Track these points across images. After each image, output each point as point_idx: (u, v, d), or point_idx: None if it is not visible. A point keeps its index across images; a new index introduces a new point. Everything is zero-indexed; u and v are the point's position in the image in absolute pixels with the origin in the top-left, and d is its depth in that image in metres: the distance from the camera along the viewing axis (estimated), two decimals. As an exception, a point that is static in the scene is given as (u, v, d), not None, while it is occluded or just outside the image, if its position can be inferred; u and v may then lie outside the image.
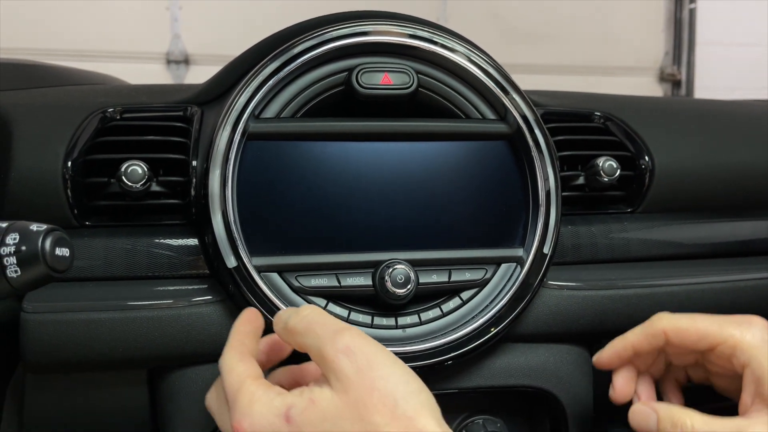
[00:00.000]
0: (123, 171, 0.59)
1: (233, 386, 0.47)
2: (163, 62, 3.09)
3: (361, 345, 0.45)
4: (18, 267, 0.36)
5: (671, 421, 0.53)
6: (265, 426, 0.44)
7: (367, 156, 0.62)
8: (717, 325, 0.54)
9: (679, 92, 3.70)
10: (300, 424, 0.43)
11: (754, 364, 0.52)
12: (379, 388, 0.43)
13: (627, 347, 0.58)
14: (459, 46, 0.63)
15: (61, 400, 0.62)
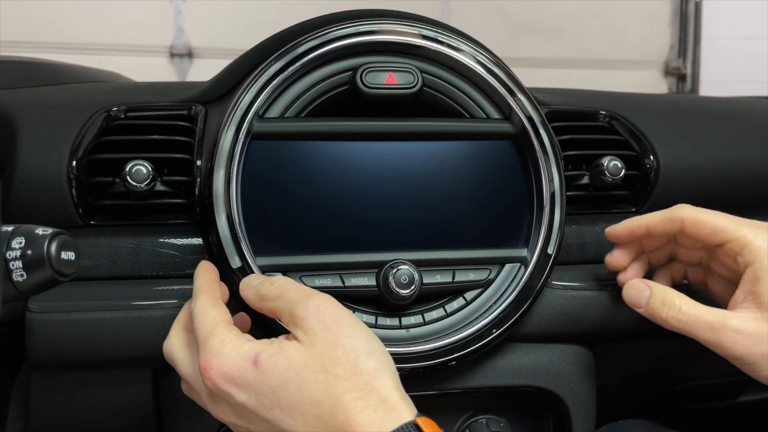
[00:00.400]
0: (127, 171, 0.59)
1: (205, 328, 0.48)
2: (166, 56, 3.08)
3: (330, 307, 0.47)
4: (24, 271, 0.36)
5: (662, 298, 0.56)
6: (233, 368, 0.45)
7: (372, 156, 0.62)
8: (734, 224, 0.55)
9: (684, 86, 3.69)
10: (267, 369, 0.45)
11: (756, 264, 0.53)
12: (344, 345, 0.45)
13: (641, 225, 0.59)
14: (464, 45, 0.63)
15: (66, 397, 0.62)
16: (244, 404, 0.45)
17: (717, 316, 0.54)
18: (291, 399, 0.44)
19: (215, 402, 0.48)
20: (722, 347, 0.53)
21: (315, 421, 0.44)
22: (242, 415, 0.46)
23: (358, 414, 0.43)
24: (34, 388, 0.61)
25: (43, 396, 0.61)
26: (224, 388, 0.45)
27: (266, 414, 0.45)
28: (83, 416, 0.62)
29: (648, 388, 0.78)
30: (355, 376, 0.44)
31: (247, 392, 0.45)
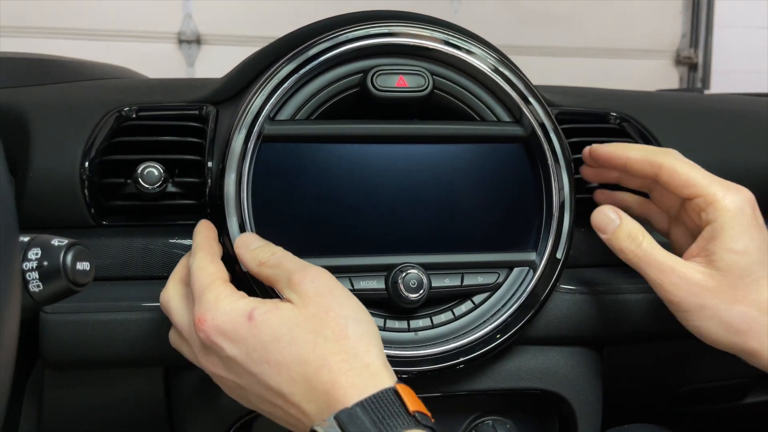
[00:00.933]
0: (139, 173, 0.59)
1: (203, 283, 0.50)
2: (174, 42, 3.08)
3: (325, 277, 0.50)
4: (40, 282, 0.37)
5: (629, 231, 0.57)
6: (227, 322, 0.47)
7: (382, 158, 0.62)
8: (707, 180, 0.56)
9: (696, 75, 3.66)
10: (260, 324, 0.47)
11: (717, 223, 0.55)
12: (335, 310, 0.47)
13: (622, 157, 0.60)
14: (475, 47, 0.63)
15: (78, 394, 0.63)
16: (234, 357, 0.47)
17: (669, 259, 0.56)
18: (280, 355, 0.46)
19: (206, 354, 0.49)
20: (663, 289, 0.55)
21: (300, 378, 0.45)
22: (231, 368, 0.48)
23: (342, 375, 0.45)
24: (46, 385, 0.62)
25: (56, 393, 0.62)
26: (216, 341, 0.47)
27: (254, 368, 0.46)
28: (95, 413, 0.63)
29: (654, 390, 0.78)
30: (343, 339, 0.46)
31: (238, 346, 0.47)
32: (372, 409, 0.43)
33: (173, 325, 0.53)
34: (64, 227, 0.61)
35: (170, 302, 0.53)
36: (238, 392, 0.50)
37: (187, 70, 3.10)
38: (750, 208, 0.56)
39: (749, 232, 0.55)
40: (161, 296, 0.54)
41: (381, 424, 0.42)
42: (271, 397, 0.47)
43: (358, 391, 0.44)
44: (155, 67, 2.98)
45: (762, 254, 0.55)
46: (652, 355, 0.73)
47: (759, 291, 0.54)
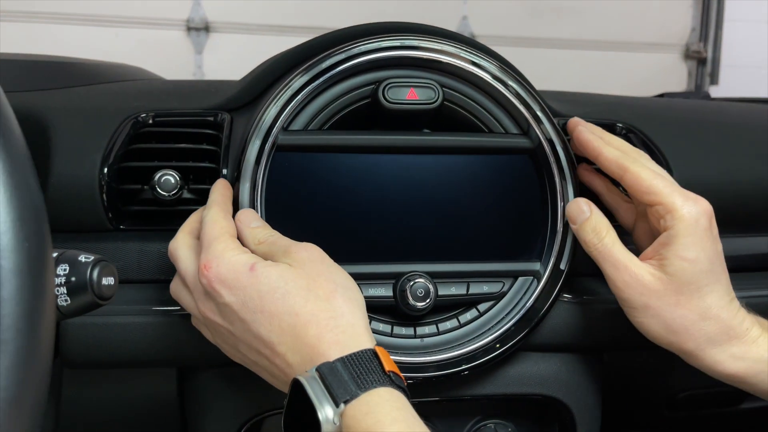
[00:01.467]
0: (156, 180, 0.61)
1: (213, 234, 0.53)
2: (183, 29, 3.08)
3: (318, 249, 0.54)
4: (68, 296, 0.39)
5: (594, 225, 0.61)
6: (230, 271, 0.51)
7: (392, 168, 0.64)
8: (669, 189, 0.59)
9: (704, 70, 3.64)
10: (260, 275, 0.50)
11: (672, 231, 0.58)
12: (326, 275, 0.52)
13: (596, 149, 0.62)
14: (484, 60, 0.64)
15: (95, 392, 0.65)
16: (230, 304, 0.50)
17: (625, 257, 0.59)
18: (273, 305, 0.49)
19: (205, 300, 0.53)
20: (615, 285, 0.59)
21: (289, 329, 0.49)
22: (225, 315, 0.51)
23: (328, 332, 0.48)
24: (65, 383, 0.64)
25: (74, 391, 0.64)
26: (216, 287, 0.51)
27: (248, 315, 0.50)
28: (111, 411, 0.66)
29: (653, 395, 0.80)
30: (332, 299, 0.50)
31: (236, 294, 0.50)
32: (351, 365, 0.46)
33: (177, 272, 0.56)
34: (83, 231, 0.62)
35: (178, 251, 0.56)
36: (229, 340, 0.53)
37: (195, 57, 3.11)
38: (706, 219, 0.58)
39: (702, 242, 0.58)
40: (170, 245, 0.57)
41: (358, 379, 0.46)
42: (259, 345, 0.50)
43: (341, 348, 0.48)
44: (163, 55, 2.98)
45: (711, 264, 0.58)
46: (650, 361, 0.75)
47: (702, 298, 0.58)
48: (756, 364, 0.57)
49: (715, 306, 0.58)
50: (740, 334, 0.58)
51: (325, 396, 0.45)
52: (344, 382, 0.45)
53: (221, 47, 3.08)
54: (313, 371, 0.46)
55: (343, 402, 0.45)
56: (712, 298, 0.58)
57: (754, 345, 0.58)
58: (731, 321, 0.58)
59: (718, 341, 0.58)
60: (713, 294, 0.58)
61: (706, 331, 0.58)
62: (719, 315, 0.58)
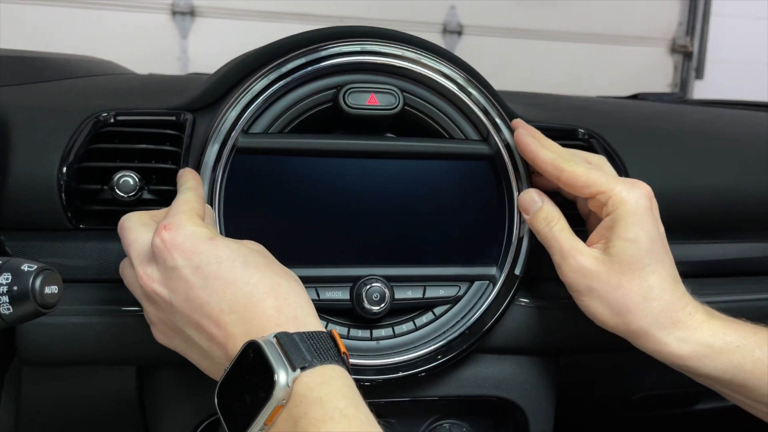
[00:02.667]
0: (115, 181, 0.61)
1: (182, 207, 0.53)
2: (168, 13, 3.05)
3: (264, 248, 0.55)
4: (10, 305, 0.40)
5: (546, 215, 0.63)
6: (188, 237, 0.50)
7: (352, 172, 0.64)
8: (605, 179, 0.61)
9: (690, 64, 3.65)
10: (220, 244, 0.50)
11: (615, 214, 0.60)
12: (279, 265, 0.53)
13: (533, 151, 0.63)
14: (445, 67, 0.64)
15: (55, 390, 0.66)
16: (180, 268, 0.49)
17: (571, 245, 0.61)
18: (232, 272, 0.49)
19: (148, 264, 0.51)
20: (561, 270, 0.61)
21: (244, 298, 0.48)
22: (169, 281, 0.50)
23: (287, 305, 0.49)
24: (24, 380, 0.64)
25: (33, 388, 0.65)
26: (170, 248, 0.49)
27: (197, 280, 0.49)
28: (71, 408, 0.66)
29: (608, 397, 0.82)
30: (291, 279, 0.51)
31: (191, 258, 0.49)
32: (309, 340, 0.47)
33: (123, 244, 0.54)
34: (42, 230, 0.63)
35: (126, 222, 0.55)
36: (167, 314, 0.51)
37: (180, 42, 3.08)
38: (646, 200, 0.60)
39: (642, 222, 0.59)
40: (121, 218, 0.56)
41: (315, 353, 0.46)
42: (202, 316, 0.49)
43: (298, 324, 0.48)
44: (147, 39, 2.96)
45: (652, 244, 0.59)
46: (606, 363, 0.77)
47: (644, 278, 0.59)
48: (700, 347, 0.58)
49: (658, 287, 0.59)
50: (683, 318, 0.59)
51: (281, 360, 0.45)
52: (301, 352, 0.46)
53: (207, 32, 3.05)
54: (270, 337, 0.46)
55: (300, 368, 0.45)
56: (654, 278, 0.59)
57: (698, 331, 0.59)
58: (675, 304, 0.59)
59: (663, 324, 0.59)
60: (655, 275, 0.59)
61: (651, 312, 0.58)
62: (662, 296, 0.59)
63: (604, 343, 0.70)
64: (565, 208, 0.65)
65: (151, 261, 0.51)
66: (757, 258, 0.77)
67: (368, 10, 2.91)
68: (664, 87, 3.64)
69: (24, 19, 2.74)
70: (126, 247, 0.54)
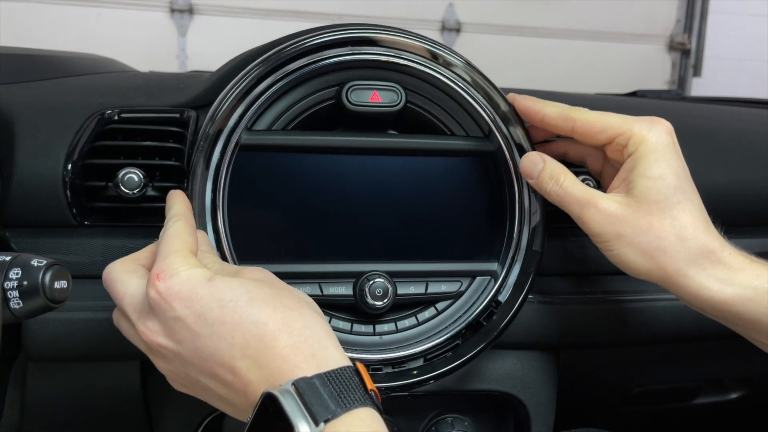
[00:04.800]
0: (120, 178, 0.62)
1: (172, 247, 0.48)
2: (166, 11, 3.05)
3: (271, 273, 0.51)
4: (20, 300, 0.40)
5: (551, 173, 0.59)
6: (184, 283, 0.45)
7: (354, 169, 0.65)
8: (622, 120, 0.58)
9: (688, 61, 3.66)
10: (219, 285, 0.46)
11: (636, 154, 0.57)
12: (288, 290, 0.48)
13: (539, 112, 0.61)
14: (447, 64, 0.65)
15: (60, 384, 0.66)
16: (183, 318, 0.45)
17: (587, 194, 0.57)
18: (237, 314, 0.44)
19: (147, 318, 0.47)
20: (583, 222, 0.57)
21: (255, 340, 0.44)
22: (173, 332, 0.46)
23: (302, 342, 0.44)
24: (30, 375, 0.65)
25: (38, 383, 0.65)
26: (168, 299, 0.45)
27: (203, 329, 0.44)
28: (76, 402, 0.67)
29: (608, 391, 0.82)
30: (302, 309, 0.46)
31: (192, 305, 0.45)
32: (331, 382, 0.42)
33: (114, 298, 0.50)
34: (47, 226, 0.63)
35: (112, 273, 0.50)
36: (178, 365, 0.47)
37: (178, 40, 3.08)
38: (668, 135, 0.57)
39: (666, 158, 0.56)
40: (105, 269, 0.51)
41: (339, 398, 0.42)
42: (213, 365, 0.45)
43: (316, 362, 0.43)
44: (146, 37, 2.96)
45: (679, 181, 0.56)
46: (606, 358, 0.77)
47: (675, 218, 0.55)
48: (745, 290, 0.54)
49: (691, 226, 0.55)
50: (723, 258, 0.55)
51: (302, 413, 0.40)
52: (324, 399, 0.41)
53: (205, 30, 3.05)
54: (288, 385, 0.42)
55: (324, 421, 0.40)
56: (686, 217, 0.55)
57: (741, 272, 0.54)
58: (712, 243, 0.55)
59: (702, 264, 0.54)
60: (687, 213, 0.55)
61: (687, 252, 0.54)
62: (697, 236, 0.55)
63: (604, 338, 0.71)
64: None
65: (150, 314, 0.47)
66: (755, 254, 0.78)
67: (367, 8, 2.91)
68: (662, 84, 3.65)
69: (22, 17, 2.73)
70: (117, 300, 0.49)
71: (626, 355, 0.77)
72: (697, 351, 0.80)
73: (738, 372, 0.83)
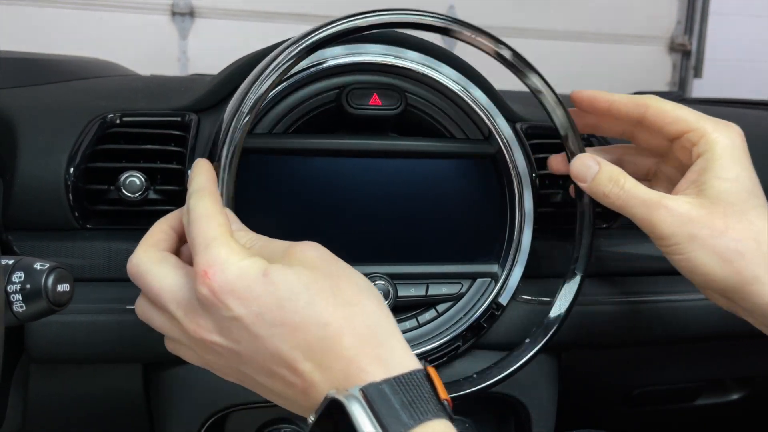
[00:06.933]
0: (122, 181, 0.62)
1: (210, 233, 0.44)
2: (168, 14, 3.06)
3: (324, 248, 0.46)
4: (23, 303, 0.40)
5: (609, 175, 0.56)
6: (239, 277, 0.41)
7: (355, 172, 0.65)
8: (695, 116, 0.56)
9: (688, 63, 3.67)
10: (276, 281, 0.41)
11: (708, 155, 0.54)
12: (346, 276, 0.44)
13: (606, 98, 0.59)
14: (446, 67, 0.65)
15: (62, 386, 0.67)
16: (240, 318, 0.42)
17: (655, 195, 0.55)
18: (297, 315, 0.41)
19: (200, 315, 0.43)
20: (652, 224, 0.54)
21: (318, 342, 0.41)
22: (229, 332, 0.43)
23: (366, 344, 0.41)
24: (32, 377, 0.65)
25: (41, 385, 0.66)
26: (223, 298, 0.41)
27: (263, 330, 0.41)
28: (79, 405, 0.67)
29: (609, 392, 0.82)
30: (363, 303, 0.42)
31: (248, 305, 0.41)
32: (402, 389, 0.39)
33: (143, 291, 0.47)
34: (49, 229, 0.63)
35: (141, 266, 0.46)
36: (230, 362, 0.44)
37: (180, 43, 3.09)
38: (741, 140, 0.55)
39: (741, 161, 0.54)
40: (130, 262, 0.47)
41: (411, 408, 0.39)
42: (274, 365, 0.42)
43: (384, 365, 0.40)
44: (147, 40, 2.97)
45: (754, 186, 0.54)
46: (607, 359, 0.78)
47: (750, 220, 0.53)
48: None
49: (766, 232, 0.52)
50: None
51: (372, 424, 0.37)
52: (395, 410, 0.38)
53: (206, 33, 3.07)
54: (356, 391, 0.39)
55: None
56: (761, 222, 0.52)
57: None
58: None
59: None
60: (761, 219, 0.53)
61: (763, 257, 0.51)
62: None
63: (605, 339, 0.71)
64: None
65: (201, 311, 0.43)
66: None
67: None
68: (663, 86, 3.65)
69: (24, 21, 2.75)
70: (153, 295, 0.46)
71: (627, 356, 0.77)
72: (698, 351, 0.80)
73: (739, 372, 0.83)
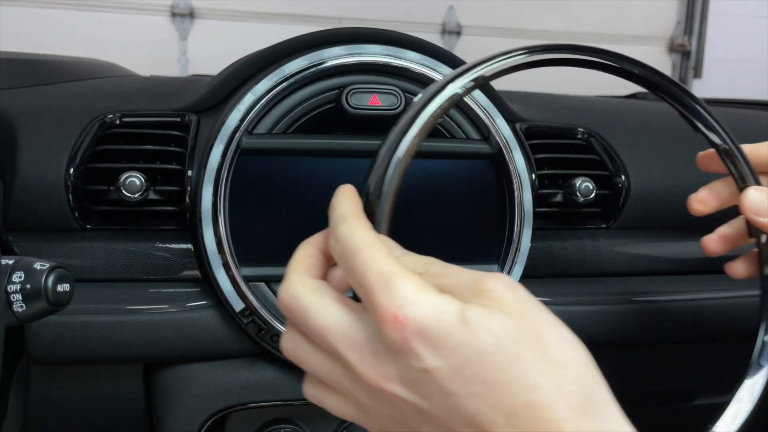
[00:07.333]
0: (122, 182, 0.62)
1: (387, 267, 0.37)
2: (167, 15, 3.06)
3: (518, 284, 0.38)
4: (23, 303, 0.40)
5: None
6: (433, 320, 0.35)
7: (355, 172, 0.65)
8: None
9: (688, 63, 3.67)
10: (477, 330, 0.35)
11: None
12: (548, 323, 0.37)
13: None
14: (445, 67, 0.65)
15: (62, 388, 0.67)
16: (433, 371, 0.35)
17: None
18: (503, 374, 0.34)
19: (383, 361, 0.37)
20: None
21: (525, 409, 0.34)
22: (419, 386, 0.36)
23: (582, 416, 0.34)
24: (32, 378, 0.65)
25: (41, 386, 0.66)
26: (414, 345, 0.35)
27: (459, 387, 0.35)
28: (79, 406, 0.67)
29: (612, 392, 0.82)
30: (574, 364, 0.36)
31: (444, 356, 0.35)
32: None
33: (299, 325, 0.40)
34: (49, 230, 0.64)
35: (300, 299, 0.39)
36: (412, 420, 0.37)
37: (179, 44, 3.09)
38: None
39: None
40: (284, 291, 0.40)
41: None
42: (462, 428, 0.36)
43: None
44: (147, 41, 2.97)
45: None
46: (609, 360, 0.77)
47: None
48: None
49: None
50: None
51: None
52: None
53: (206, 34, 3.07)
54: None
55: None
56: None
57: None
58: None
59: None
60: None
61: None
62: None
63: (605, 339, 0.71)
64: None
65: (382, 356, 0.37)
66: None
67: (367, 11, 2.92)
68: (663, 86, 3.64)
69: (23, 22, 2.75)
70: (317, 333, 0.39)
71: (627, 356, 0.77)
72: (699, 351, 0.80)
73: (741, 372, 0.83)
